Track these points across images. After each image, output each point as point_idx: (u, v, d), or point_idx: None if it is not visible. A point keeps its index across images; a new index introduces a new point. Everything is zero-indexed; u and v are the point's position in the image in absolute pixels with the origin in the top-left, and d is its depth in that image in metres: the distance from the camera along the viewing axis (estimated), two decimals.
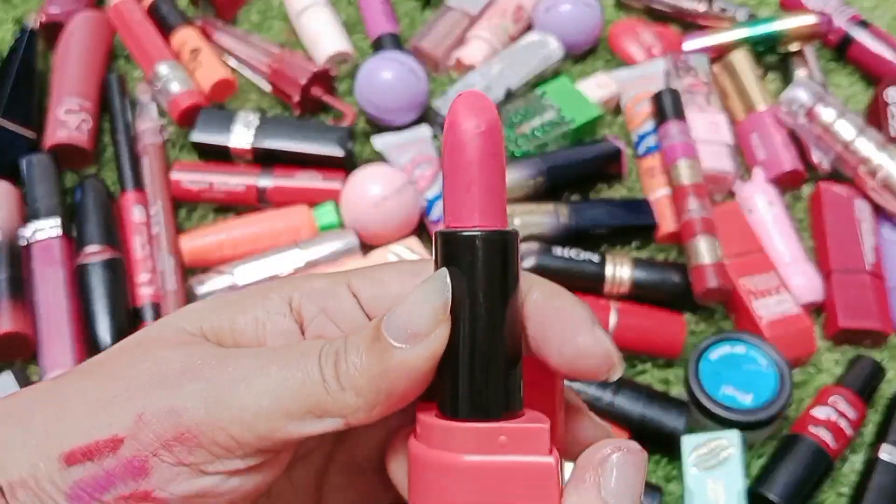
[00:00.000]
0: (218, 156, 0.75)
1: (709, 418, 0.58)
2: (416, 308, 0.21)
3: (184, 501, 0.21)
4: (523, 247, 0.66)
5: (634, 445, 0.21)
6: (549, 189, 0.72)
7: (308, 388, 0.21)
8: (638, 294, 0.66)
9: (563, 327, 0.22)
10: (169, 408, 0.21)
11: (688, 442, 0.56)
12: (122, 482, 0.21)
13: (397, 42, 0.82)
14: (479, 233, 0.21)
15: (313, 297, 0.24)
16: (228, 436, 0.21)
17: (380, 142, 0.76)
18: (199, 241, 0.70)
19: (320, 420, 0.21)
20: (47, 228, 0.68)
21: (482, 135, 0.21)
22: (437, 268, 0.22)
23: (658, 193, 0.72)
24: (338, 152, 0.73)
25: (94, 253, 0.67)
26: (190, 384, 0.21)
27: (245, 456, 0.21)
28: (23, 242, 0.68)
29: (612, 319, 0.64)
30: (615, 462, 0.21)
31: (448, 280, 0.21)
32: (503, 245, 0.21)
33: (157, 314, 0.67)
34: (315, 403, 0.21)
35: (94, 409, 0.21)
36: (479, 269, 0.21)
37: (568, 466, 0.22)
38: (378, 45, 0.82)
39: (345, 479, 0.26)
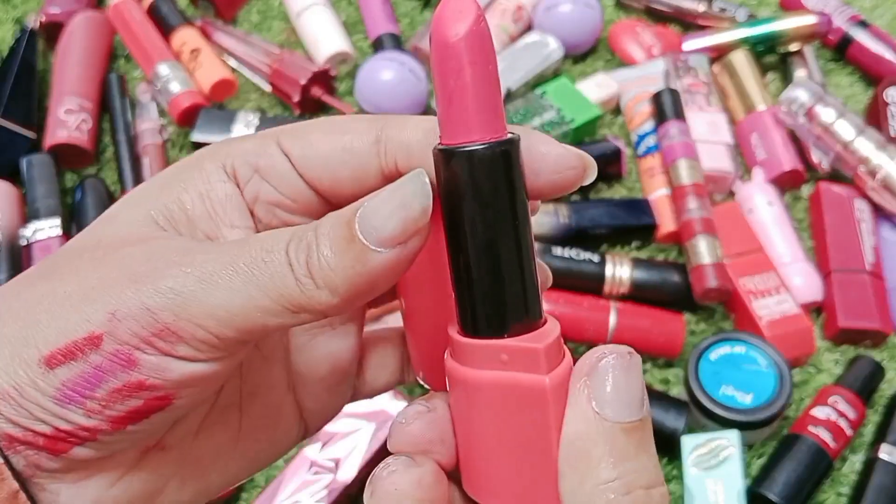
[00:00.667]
0: None
1: (709, 418, 0.58)
2: (393, 213, 0.20)
3: (179, 385, 0.21)
4: None
5: (623, 349, 0.21)
6: None
7: (281, 286, 0.21)
8: (638, 294, 0.66)
9: (552, 159, 0.23)
10: (142, 305, 0.20)
11: (688, 442, 0.56)
12: (113, 375, 0.21)
13: (397, 42, 0.82)
14: (478, 147, 0.20)
15: (246, 159, 0.24)
16: (207, 332, 0.21)
17: None
18: None
19: (296, 314, 0.21)
20: (47, 228, 0.68)
21: (463, 40, 0.20)
22: (438, 189, 0.21)
23: (658, 193, 0.72)
24: None
25: None
26: (160, 282, 0.21)
27: (228, 346, 0.21)
28: (23, 242, 0.68)
29: (612, 319, 0.64)
30: (604, 368, 0.20)
31: (428, 185, 0.21)
32: (505, 158, 0.20)
33: None
34: (290, 300, 0.21)
35: (66, 310, 0.21)
36: (482, 188, 0.20)
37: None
38: (378, 46, 0.82)
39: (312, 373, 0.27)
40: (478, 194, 0.20)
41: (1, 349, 0.21)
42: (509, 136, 0.21)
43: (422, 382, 0.27)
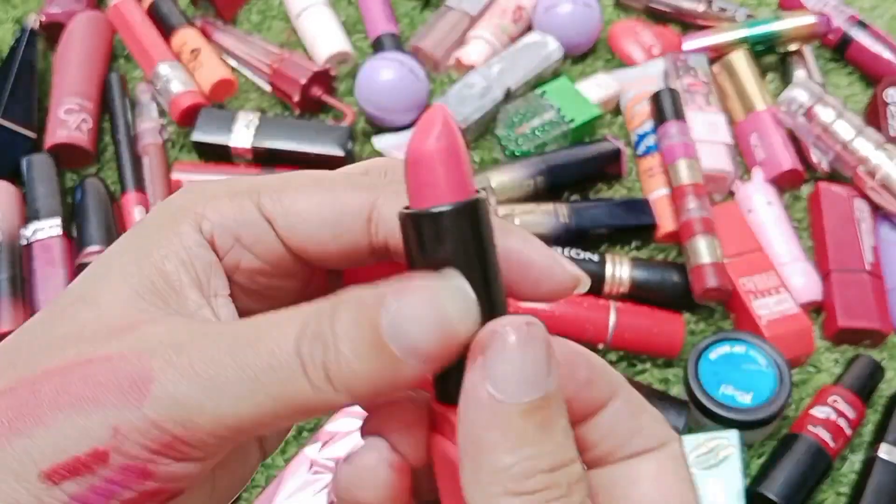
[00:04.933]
0: (218, 156, 0.75)
1: (708, 418, 0.58)
2: (432, 328, 0.18)
3: (191, 481, 0.20)
4: None
5: (521, 319, 0.19)
6: (549, 189, 0.72)
7: (293, 392, 0.19)
8: (637, 294, 0.66)
9: (536, 269, 0.21)
10: (144, 419, 0.19)
11: (687, 442, 0.56)
12: (128, 487, 0.19)
13: (397, 42, 0.82)
14: (449, 207, 0.19)
15: (225, 225, 0.22)
16: (217, 437, 0.19)
17: (380, 142, 0.76)
18: None
19: (309, 415, 0.20)
20: (48, 228, 0.69)
21: (438, 151, 0.20)
22: (412, 256, 0.20)
23: (657, 193, 0.72)
24: (338, 152, 0.74)
25: (95, 253, 0.67)
26: (161, 391, 0.19)
27: (235, 442, 0.20)
28: (23, 242, 0.68)
29: (612, 319, 0.64)
30: (498, 344, 0.18)
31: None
32: (473, 215, 0.19)
33: None
34: (303, 406, 0.19)
35: (61, 423, 0.19)
36: (457, 245, 0.19)
37: None
38: (378, 46, 0.82)
39: None
40: (444, 253, 0.19)
41: None
42: (476, 196, 0.20)
43: None
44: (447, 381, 0.19)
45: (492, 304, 0.19)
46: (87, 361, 0.20)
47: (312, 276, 0.24)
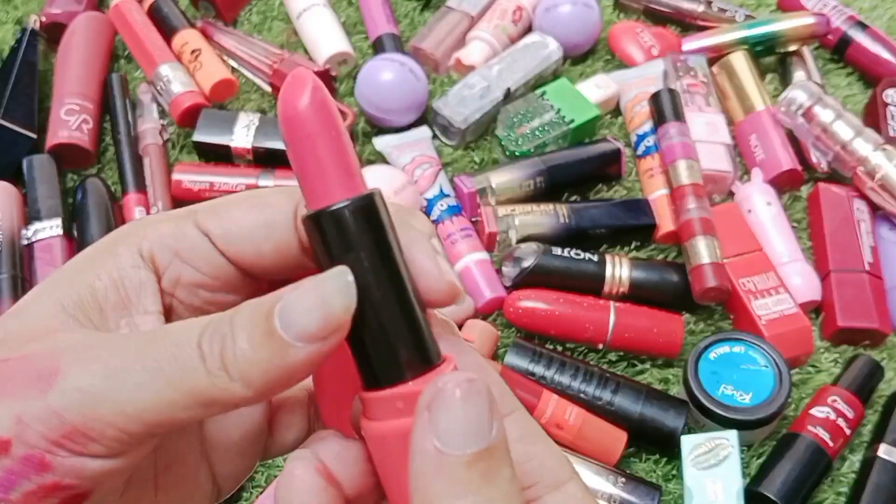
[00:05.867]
0: (219, 156, 0.75)
1: (708, 418, 0.59)
2: (314, 309, 0.20)
3: (94, 481, 0.21)
4: (524, 247, 0.67)
5: (462, 376, 0.20)
6: (549, 189, 0.72)
7: (191, 380, 0.20)
8: (637, 294, 0.66)
9: (419, 263, 0.22)
10: (48, 407, 0.20)
11: (687, 441, 0.57)
12: (26, 478, 0.20)
13: (397, 43, 0.82)
14: (339, 206, 0.21)
15: (164, 243, 0.23)
16: (117, 429, 0.20)
17: (380, 142, 0.76)
18: None
19: (208, 407, 0.20)
20: (48, 228, 0.69)
21: (306, 110, 0.21)
22: (317, 255, 0.21)
23: (657, 193, 0.72)
24: None
25: None
26: (65, 382, 0.20)
27: (139, 440, 0.21)
28: (24, 242, 0.68)
29: (611, 319, 0.64)
30: (441, 399, 0.19)
31: (352, 284, 0.20)
32: (368, 211, 0.21)
33: None
34: (201, 394, 0.20)
35: None
36: (356, 242, 0.21)
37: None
38: (378, 46, 0.82)
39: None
40: (348, 251, 0.21)
41: None
42: (368, 191, 0.21)
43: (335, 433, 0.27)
44: (366, 369, 0.21)
45: (398, 290, 0.21)
46: (4, 360, 0.21)
47: (254, 291, 0.24)
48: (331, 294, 0.20)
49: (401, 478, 0.20)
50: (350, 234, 0.21)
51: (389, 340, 0.21)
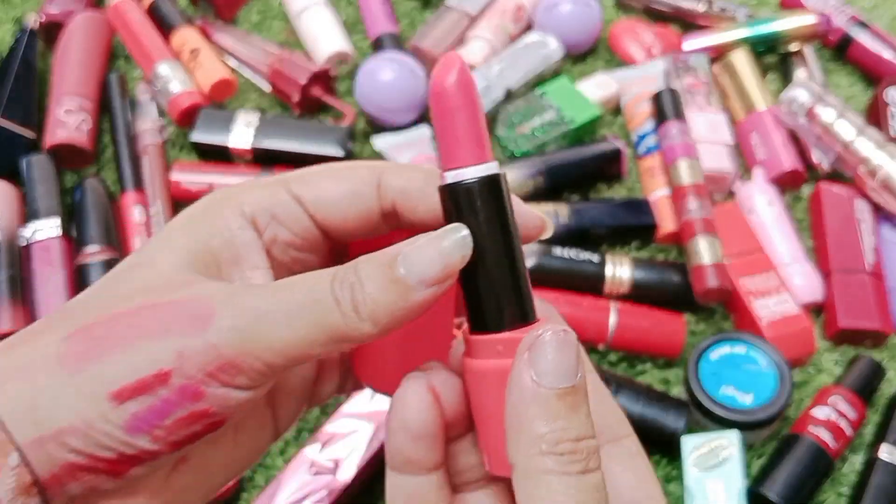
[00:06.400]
0: (218, 156, 0.75)
1: (709, 418, 0.58)
2: (436, 259, 0.24)
3: (234, 410, 0.24)
4: (524, 247, 0.66)
5: (559, 327, 0.24)
6: (549, 189, 0.72)
7: (330, 321, 0.24)
8: (638, 294, 0.66)
9: (517, 207, 0.27)
10: (206, 343, 0.23)
11: (688, 442, 0.56)
12: (181, 406, 0.23)
13: (397, 42, 0.82)
14: (472, 182, 0.25)
15: (262, 206, 0.27)
16: (263, 363, 0.24)
17: (380, 142, 0.76)
18: None
19: (339, 343, 0.24)
20: (47, 228, 0.68)
21: (452, 88, 0.25)
22: (447, 218, 0.25)
23: (658, 193, 0.72)
24: (338, 152, 0.73)
25: (94, 253, 0.67)
26: (221, 322, 0.23)
27: (275, 373, 0.24)
28: (22, 242, 0.68)
29: (612, 319, 0.64)
30: (541, 343, 0.24)
31: (468, 237, 0.25)
32: (496, 187, 0.25)
33: None
34: (336, 332, 0.24)
35: (133, 349, 0.23)
36: (482, 211, 0.25)
37: None
38: (378, 46, 0.82)
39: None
40: (476, 219, 0.25)
41: (66, 386, 0.23)
42: (495, 168, 0.26)
43: (368, 388, 0.31)
44: (476, 316, 0.26)
45: (514, 253, 0.26)
46: (154, 305, 0.24)
47: (330, 254, 0.29)
48: (450, 245, 0.24)
49: (491, 408, 0.25)
50: (478, 202, 0.25)
51: (502, 296, 0.25)
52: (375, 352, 0.29)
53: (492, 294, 0.25)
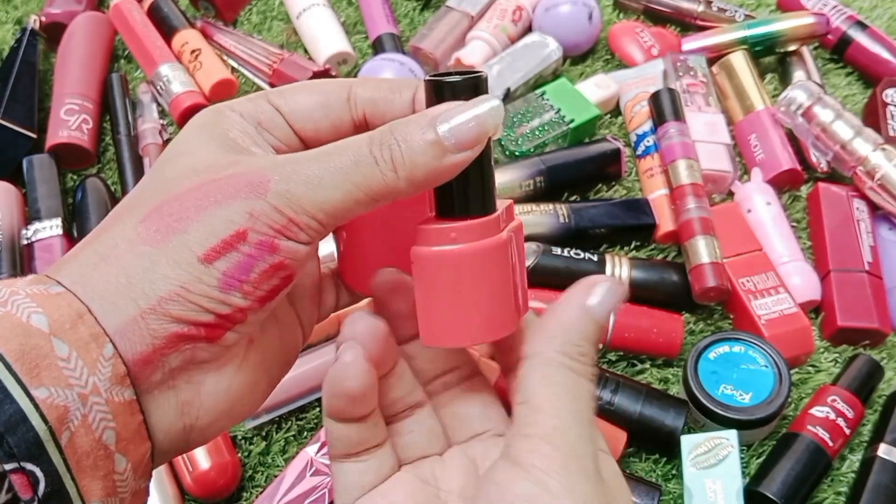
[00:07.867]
0: None
1: (708, 417, 0.59)
2: (473, 124, 0.26)
3: (300, 263, 0.28)
4: (525, 248, 0.66)
5: (617, 279, 0.27)
6: (548, 189, 0.72)
7: (370, 180, 0.26)
8: (637, 294, 0.66)
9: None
10: (269, 205, 0.26)
11: (687, 441, 0.57)
12: (262, 259, 0.26)
13: (397, 43, 0.82)
14: (458, 79, 0.27)
15: (249, 113, 0.30)
16: (317, 220, 0.26)
17: None
18: None
19: (377, 201, 0.27)
20: (48, 228, 0.69)
21: None
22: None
23: (657, 193, 0.72)
24: None
25: None
26: (277, 187, 0.26)
27: (327, 229, 0.27)
28: (24, 242, 0.68)
29: (611, 319, 0.64)
30: (603, 283, 0.30)
31: (501, 108, 0.27)
32: (479, 87, 0.28)
33: None
34: (375, 190, 0.26)
35: (209, 216, 0.26)
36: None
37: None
38: (378, 46, 0.82)
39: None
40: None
41: (157, 259, 0.25)
42: (480, 71, 0.28)
43: (351, 289, 0.35)
44: (444, 202, 0.29)
45: (485, 150, 0.28)
46: (213, 180, 0.27)
47: None
48: (486, 112, 0.27)
49: (439, 290, 0.28)
50: (461, 97, 0.28)
51: (470, 188, 0.28)
52: (359, 259, 0.33)
53: (457, 187, 0.28)
